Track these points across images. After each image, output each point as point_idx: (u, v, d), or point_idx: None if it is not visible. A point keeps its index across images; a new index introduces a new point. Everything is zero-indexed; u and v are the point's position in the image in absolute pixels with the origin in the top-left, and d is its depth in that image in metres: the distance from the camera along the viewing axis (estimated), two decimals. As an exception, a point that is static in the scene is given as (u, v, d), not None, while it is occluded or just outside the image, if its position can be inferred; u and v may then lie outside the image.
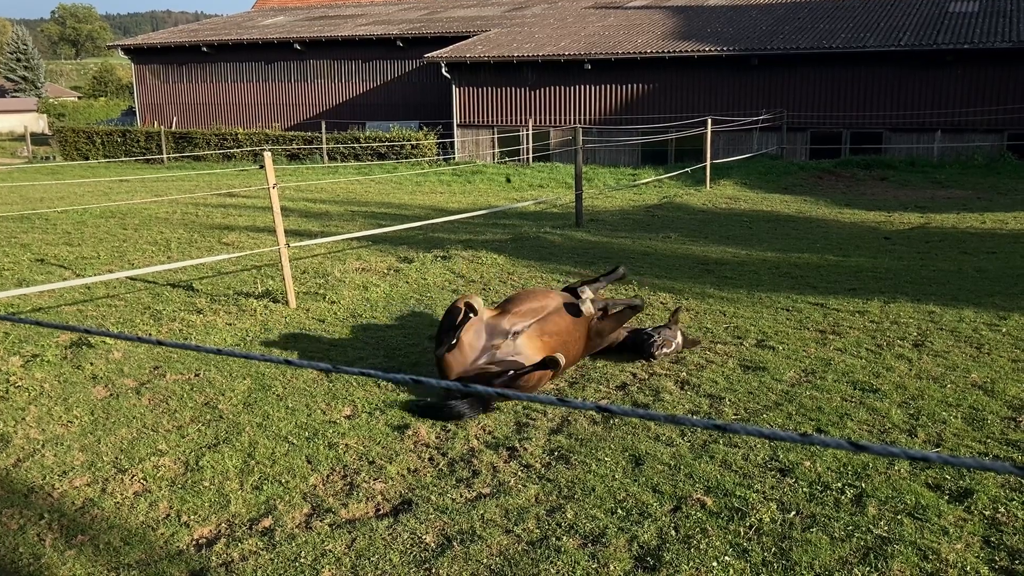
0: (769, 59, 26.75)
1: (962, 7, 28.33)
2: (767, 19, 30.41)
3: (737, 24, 30.16)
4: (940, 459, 1.60)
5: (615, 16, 34.33)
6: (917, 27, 26.51)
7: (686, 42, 28.33)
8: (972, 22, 26.29)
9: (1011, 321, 7.30)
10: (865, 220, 14.60)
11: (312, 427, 5.30)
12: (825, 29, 27.77)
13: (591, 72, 28.78)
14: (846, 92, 26.38)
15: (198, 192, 20.20)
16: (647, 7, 35.50)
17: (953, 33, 25.37)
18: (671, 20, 32.19)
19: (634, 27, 31.54)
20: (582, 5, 37.80)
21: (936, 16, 27.62)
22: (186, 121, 38.45)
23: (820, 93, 26.72)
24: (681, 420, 1.79)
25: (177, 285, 9.72)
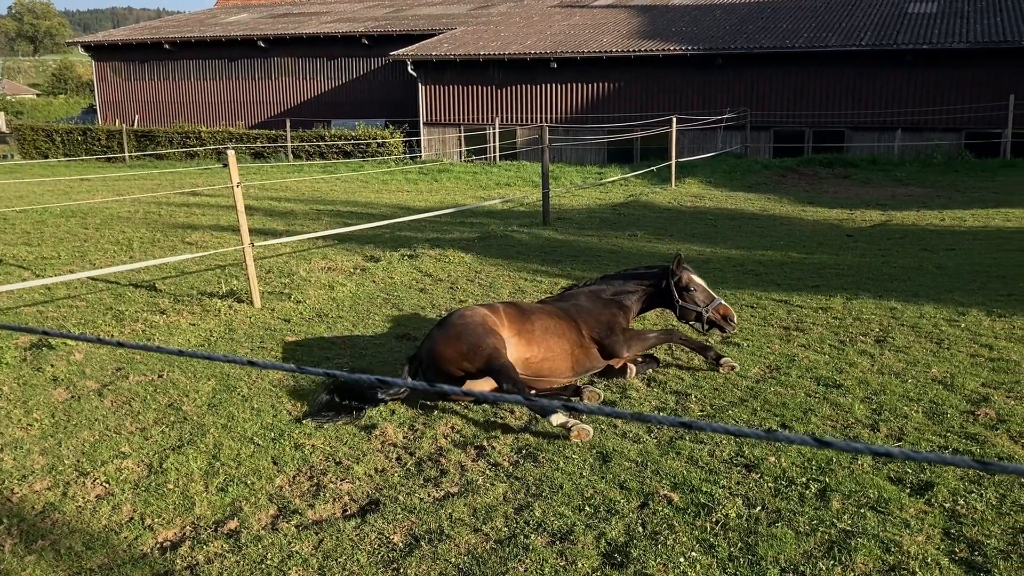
0: (733, 58, 26.98)
1: (921, 8, 28.77)
2: (731, 19, 30.66)
3: (701, 24, 30.38)
4: (902, 454, 1.62)
5: (581, 15, 34.42)
6: (877, 27, 26.88)
7: (651, 41, 28.48)
8: (931, 23, 26.71)
9: (969, 317, 7.43)
10: (828, 218, 14.78)
11: (278, 428, 5.25)
12: (788, 29, 28.06)
13: (557, 71, 28.84)
14: (808, 91, 26.68)
15: (161, 191, 19.96)
16: (612, 6, 35.63)
17: (912, 33, 25.76)
18: (636, 19, 32.34)
19: (599, 26, 31.65)
20: (548, 4, 37.85)
21: (896, 17, 28.02)
22: (148, 119, 37.93)
23: (783, 92, 27.00)
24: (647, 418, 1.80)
25: (140, 285, 9.60)
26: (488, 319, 5.63)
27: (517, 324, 5.75)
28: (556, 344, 5.84)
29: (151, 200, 18.09)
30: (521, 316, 5.83)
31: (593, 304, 6.24)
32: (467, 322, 5.54)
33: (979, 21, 26.15)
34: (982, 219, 13.96)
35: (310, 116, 34.70)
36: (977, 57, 24.49)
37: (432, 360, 5.53)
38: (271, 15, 41.58)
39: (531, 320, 5.83)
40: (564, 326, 5.96)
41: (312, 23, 37.27)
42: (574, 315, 6.12)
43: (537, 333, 5.77)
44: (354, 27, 35.11)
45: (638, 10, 34.10)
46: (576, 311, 6.16)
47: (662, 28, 30.33)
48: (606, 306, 6.25)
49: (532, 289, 9.11)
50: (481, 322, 5.55)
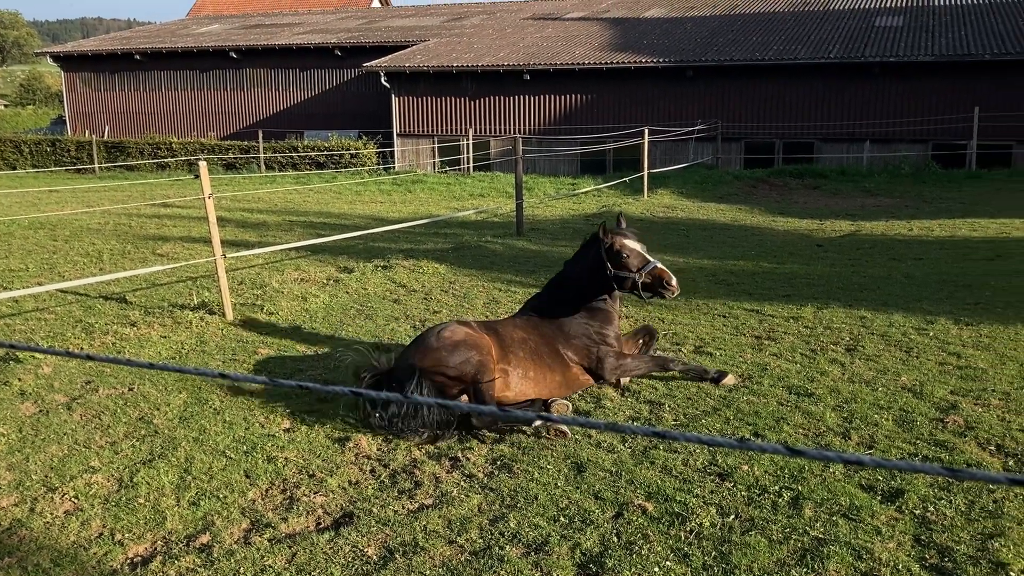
0: (704, 71, 27.22)
1: (888, 22, 29.21)
2: (701, 32, 30.96)
3: (672, 36, 30.64)
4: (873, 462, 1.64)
5: (553, 27, 34.60)
6: (845, 41, 27.25)
7: (623, 53, 28.67)
8: (897, 36, 27.13)
9: (938, 325, 7.53)
10: (798, 228, 14.93)
11: (250, 441, 5.21)
12: (758, 42, 28.37)
13: (530, 82, 28.95)
14: (778, 103, 26.98)
15: (131, 202, 19.76)
16: (584, 18, 35.86)
17: (879, 47, 26.14)
18: (608, 32, 32.56)
19: (572, 38, 31.83)
20: (520, 16, 38.02)
21: (863, 30, 28.42)
22: (119, 130, 37.58)
23: (753, 104, 27.28)
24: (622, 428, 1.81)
25: (110, 297, 9.49)
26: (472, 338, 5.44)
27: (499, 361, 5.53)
28: (537, 387, 5.64)
29: (121, 211, 17.91)
30: (503, 355, 5.57)
31: (570, 322, 5.99)
32: (457, 346, 5.36)
33: (944, 35, 26.60)
34: (949, 229, 14.16)
35: (283, 127, 34.56)
36: (942, 70, 24.90)
37: (417, 375, 5.33)
38: (243, 26, 41.42)
39: (511, 359, 5.59)
40: (546, 363, 5.73)
41: (284, 34, 37.16)
42: (555, 342, 5.89)
43: (516, 376, 5.56)
44: (327, 38, 35.05)
45: (610, 23, 34.34)
46: (556, 335, 5.92)
47: (634, 40, 30.56)
48: (587, 320, 6.02)
49: (506, 299, 9.11)
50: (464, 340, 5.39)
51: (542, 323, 6.01)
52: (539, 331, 5.91)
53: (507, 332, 5.75)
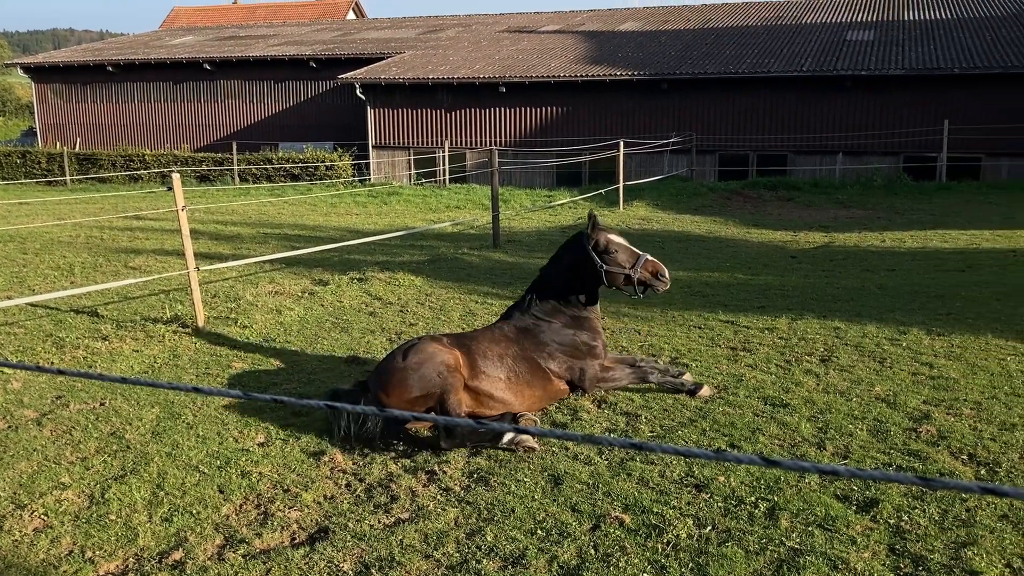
0: (678, 84, 27.43)
1: (859, 35, 29.60)
2: (676, 45, 31.20)
3: (647, 50, 30.86)
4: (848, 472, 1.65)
5: (528, 40, 34.74)
6: (818, 54, 27.57)
7: (598, 66, 28.83)
8: (868, 50, 27.49)
9: (910, 336, 7.60)
10: (772, 240, 15.04)
11: (224, 455, 5.15)
12: (731, 55, 28.64)
13: (506, 95, 29.02)
14: (752, 116, 27.22)
15: (103, 215, 19.57)
16: (559, 32, 36.03)
17: (851, 60, 26.48)
18: (583, 45, 32.73)
19: (547, 51, 31.96)
20: (496, 29, 38.14)
21: (835, 44, 28.78)
22: (91, 142, 37.23)
23: (727, 117, 27.51)
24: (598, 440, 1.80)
25: (81, 311, 9.37)
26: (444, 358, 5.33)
27: (468, 379, 5.43)
28: (513, 404, 5.56)
29: (93, 224, 17.72)
30: (474, 373, 5.46)
31: (554, 333, 5.88)
32: (422, 364, 5.27)
33: (913, 49, 26.99)
34: (921, 240, 14.33)
35: (257, 139, 34.40)
36: (913, 83, 25.26)
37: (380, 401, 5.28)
38: (217, 38, 41.24)
39: (482, 377, 5.48)
40: (523, 380, 5.65)
41: (259, 46, 37.03)
42: (536, 355, 5.78)
43: (488, 394, 5.48)
44: (302, 50, 34.98)
45: (585, 36, 34.53)
46: (537, 348, 5.80)
47: (609, 54, 30.74)
48: (572, 330, 5.92)
49: (483, 312, 9.10)
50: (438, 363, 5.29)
51: (521, 335, 5.88)
52: (518, 344, 5.80)
53: (482, 348, 5.62)
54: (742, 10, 37.43)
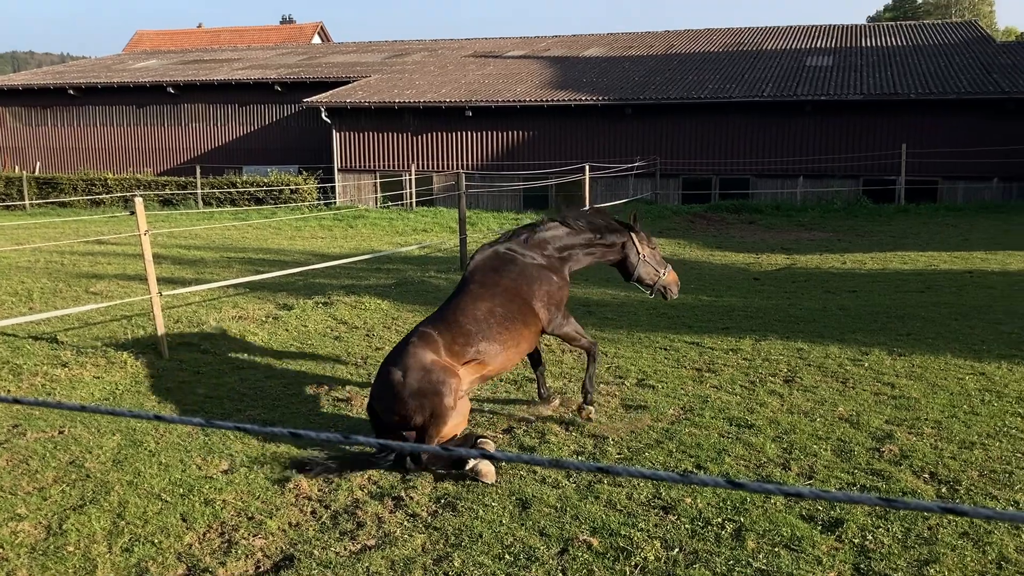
0: (642, 108, 27.73)
1: (818, 61, 30.18)
2: (639, 70, 31.57)
3: (611, 75, 31.19)
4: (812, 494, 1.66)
5: (494, 65, 34.96)
6: (778, 79, 28.05)
7: (563, 91, 29.08)
8: (827, 75, 28.02)
9: (872, 356, 7.71)
10: (735, 261, 15.20)
11: (187, 483, 5.08)
12: (694, 80, 29.04)
13: (472, 119, 29.14)
14: (715, 140, 27.58)
15: (64, 240, 19.28)
16: (525, 57, 36.31)
17: (811, 85, 26.96)
18: (548, 70, 33.01)
19: (513, 76, 32.19)
20: (462, 54, 38.35)
21: (795, 69, 29.31)
22: (51, 166, 36.74)
23: (691, 141, 27.85)
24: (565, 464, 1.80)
25: (40, 338, 9.20)
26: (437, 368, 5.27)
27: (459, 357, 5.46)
28: (509, 358, 5.67)
29: (53, 249, 17.46)
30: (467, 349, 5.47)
31: (541, 272, 5.91)
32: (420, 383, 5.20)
33: (871, 75, 27.55)
34: (881, 262, 14.56)
35: (221, 163, 34.17)
36: (871, 108, 25.77)
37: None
38: (181, 61, 41.02)
39: (474, 342, 5.49)
40: (516, 317, 5.67)
41: (224, 70, 36.88)
42: (526, 293, 5.78)
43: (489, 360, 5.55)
44: (267, 74, 34.89)
45: (550, 61, 34.83)
46: (527, 283, 5.82)
47: (573, 79, 31.02)
48: (554, 271, 5.97)
49: (449, 336, 9.06)
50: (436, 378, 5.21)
51: (508, 268, 5.87)
52: (505, 285, 5.77)
53: (471, 318, 5.55)
54: (704, 36, 38.01)
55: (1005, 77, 25.72)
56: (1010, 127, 24.75)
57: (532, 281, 5.88)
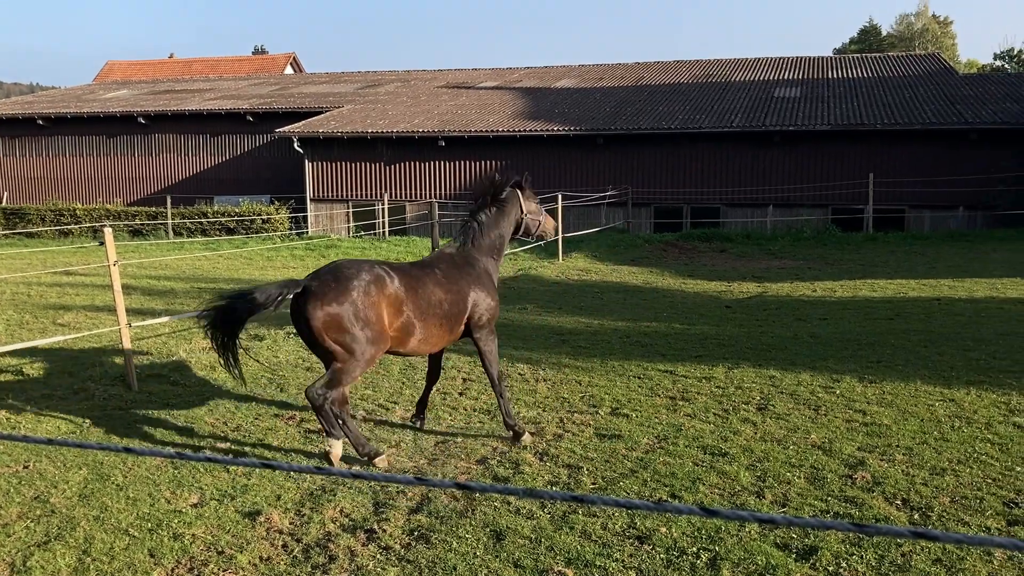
0: (614, 139, 27.99)
1: (786, 92, 30.66)
2: (610, 101, 31.90)
3: (583, 106, 31.48)
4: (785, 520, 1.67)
5: (467, 95, 35.17)
6: (747, 110, 28.45)
7: (535, 122, 29.30)
8: (795, 106, 28.46)
9: (844, 383, 7.77)
10: (707, 290, 15.30)
11: (156, 517, 4.99)
12: (664, 111, 29.38)
13: (445, 148, 29.25)
14: (685, 170, 27.86)
15: (31, 271, 19.01)
16: (498, 88, 36.57)
17: (779, 116, 27.37)
18: (520, 100, 33.25)
19: (485, 106, 32.38)
20: (435, 85, 38.55)
21: (764, 100, 29.74)
22: (18, 197, 36.32)
23: (662, 171, 28.11)
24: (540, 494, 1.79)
25: (5, 370, 9.04)
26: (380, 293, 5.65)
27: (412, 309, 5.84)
28: (431, 346, 6.09)
29: (20, 280, 17.22)
30: (411, 317, 5.85)
31: (488, 279, 6.42)
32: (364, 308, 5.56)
33: (838, 105, 28.03)
34: (850, 290, 14.72)
35: (193, 193, 33.97)
36: (839, 138, 26.18)
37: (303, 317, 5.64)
38: (152, 91, 40.87)
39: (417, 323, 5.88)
40: (447, 325, 6.07)
41: (195, 100, 36.79)
42: (468, 299, 6.19)
43: (416, 338, 5.91)
44: (239, 104, 34.83)
45: (522, 92, 35.11)
46: (475, 289, 6.26)
47: (545, 109, 31.27)
48: (491, 279, 6.48)
49: (421, 364, 9.02)
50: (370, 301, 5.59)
51: (464, 271, 6.31)
52: (458, 285, 6.18)
53: (425, 291, 5.95)
54: (673, 68, 38.51)
55: (968, 108, 26.27)
56: (974, 157, 25.24)
57: (479, 288, 6.33)
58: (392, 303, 5.67)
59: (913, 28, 70.55)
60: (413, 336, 5.85)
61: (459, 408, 7.42)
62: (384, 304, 5.62)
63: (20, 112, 36.20)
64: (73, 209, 31.00)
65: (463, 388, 8.15)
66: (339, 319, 5.47)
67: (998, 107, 26.21)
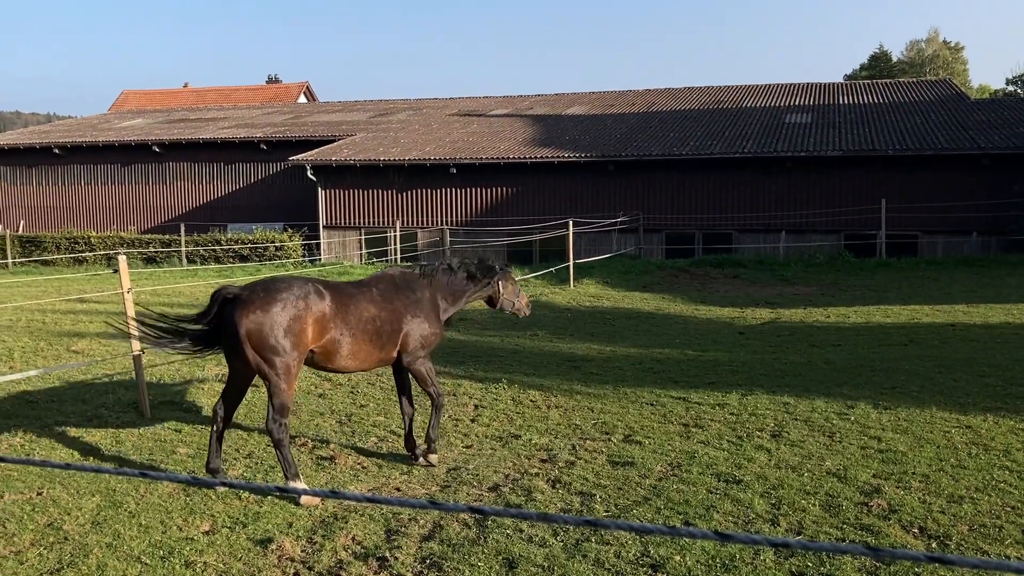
0: (624, 165, 28.07)
1: (797, 118, 30.72)
2: (621, 127, 32.03)
3: (593, 132, 31.61)
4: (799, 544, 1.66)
5: (478, 123, 35.39)
6: (759, 136, 28.50)
7: (546, 148, 29.43)
8: (807, 132, 28.50)
9: (858, 410, 7.71)
10: (720, 316, 15.26)
11: (168, 545, 4.98)
12: (675, 137, 29.47)
13: (457, 176, 29.39)
14: (697, 196, 27.89)
15: (46, 298, 19.15)
16: (509, 115, 36.79)
17: (790, 142, 27.41)
18: (531, 128, 33.43)
19: (496, 134, 32.57)
20: (446, 112, 38.81)
21: (775, 126, 29.81)
22: (35, 224, 36.67)
23: (673, 197, 28.15)
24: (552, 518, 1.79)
25: (20, 397, 9.08)
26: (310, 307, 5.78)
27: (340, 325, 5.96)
28: (360, 364, 6.18)
29: (35, 307, 17.33)
30: (340, 334, 5.97)
31: (429, 308, 6.56)
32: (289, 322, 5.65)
33: (850, 131, 28.06)
34: (864, 315, 14.66)
35: (207, 220, 34.21)
36: (851, 164, 26.18)
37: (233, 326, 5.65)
38: (167, 120, 41.30)
39: (347, 338, 5.99)
40: (379, 343, 6.18)
41: (209, 128, 37.14)
42: (404, 320, 6.33)
43: (344, 353, 6.02)
44: (252, 132, 35.15)
45: (533, 119, 35.30)
46: (411, 312, 6.39)
47: (556, 136, 31.42)
48: (434, 309, 6.61)
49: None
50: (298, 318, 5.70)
51: (402, 293, 6.46)
52: (393, 305, 6.33)
53: (357, 308, 6.09)
54: (684, 95, 38.67)
55: (981, 133, 26.25)
56: (987, 182, 25.18)
57: (416, 313, 6.50)
58: (318, 320, 5.81)
59: (924, 54, 70.70)
60: (340, 353, 6.00)
61: (471, 435, 7.40)
62: (310, 320, 5.76)
63: (37, 141, 36.63)
64: (88, 237, 31.26)
65: (475, 415, 8.14)
66: (261, 328, 5.59)
67: (1011, 132, 26.17)
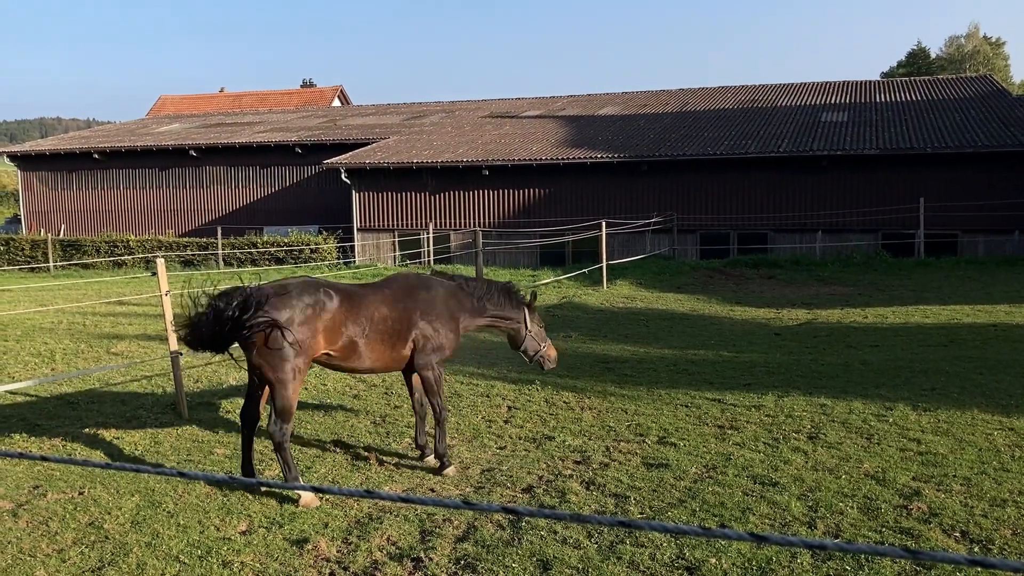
0: (658, 165, 27.93)
1: (833, 117, 30.37)
2: (654, 128, 31.87)
3: (626, 133, 31.50)
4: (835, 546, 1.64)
5: (511, 125, 35.42)
6: (794, 135, 28.21)
7: (579, 149, 29.37)
8: (843, 131, 28.16)
9: (896, 411, 7.60)
10: (756, 317, 15.12)
11: (205, 544, 5.04)
12: (709, 137, 29.26)
13: (489, 177, 29.44)
14: (732, 195, 27.67)
15: (86, 301, 19.48)
16: (541, 116, 36.78)
17: (827, 140, 27.09)
18: (564, 129, 33.39)
19: (529, 135, 32.57)
20: (479, 115, 38.89)
21: (810, 125, 29.49)
22: (75, 228, 37.33)
23: (707, 197, 27.95)
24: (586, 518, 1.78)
25: (61, 398, 9.25)
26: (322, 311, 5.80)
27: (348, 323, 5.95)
28: (371, 364, 6.15)
29: (76, 310, 17.64)
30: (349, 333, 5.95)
31: (444, 312, 6.45)
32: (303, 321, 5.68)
33: (886, 129, 27.67)
34: (902, 316, 14.45)
35: (243, 223, 34.60)
36: (888, 163, 25.82)
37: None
38: (204, 125, 41.83)
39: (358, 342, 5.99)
40: (389, 344, 6.15)
41: (245, 132, 37.56)
42: (414, 320, 6.27)
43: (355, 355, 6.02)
44: (287, 136, 35.49)
45: (566, 120, 35.26)
46: (423, 313, 6.33)
47: (589, 137, 31.35)
48: (452, 318, 6.50)
49: (468, 392, 9.05)
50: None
51: (416, 293, 6.40)
52: (405, 305, 6.29)
53: (368, 309, 6.07)
54: (718, 94, 38.41)
55: (1023, 130, 25.75)
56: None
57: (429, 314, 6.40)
58: (328, 324, 5.83)
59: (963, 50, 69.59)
60: (355, 353, 6.01)
61: (504, 436, 7.41)
62: (320, 325, 5.78)
63: (78, 147, 37.29)
64: (127, 240, 31.77)
65: (508, 416, 8.14)
66: (267, 331, 5.61)
67: (1053, 128, 25.65)
